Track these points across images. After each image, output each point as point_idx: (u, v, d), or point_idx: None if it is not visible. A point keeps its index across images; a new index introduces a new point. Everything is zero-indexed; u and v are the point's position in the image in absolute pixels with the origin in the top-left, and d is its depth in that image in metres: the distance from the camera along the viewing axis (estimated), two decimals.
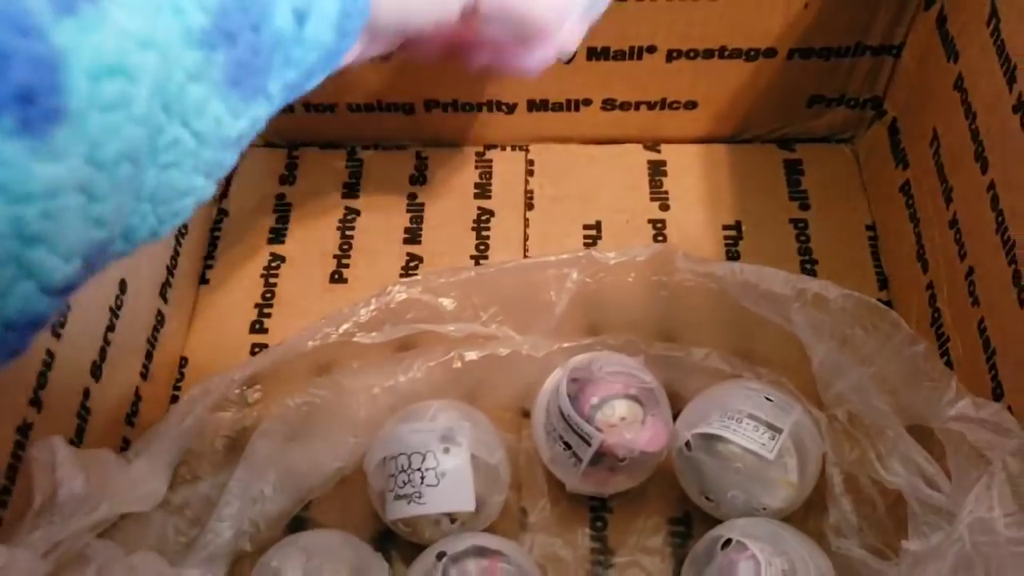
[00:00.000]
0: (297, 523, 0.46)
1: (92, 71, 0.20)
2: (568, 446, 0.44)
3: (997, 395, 0.42)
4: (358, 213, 0.58)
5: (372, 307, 0.46)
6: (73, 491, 0.38)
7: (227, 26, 0.23)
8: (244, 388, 0.47)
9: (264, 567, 0.41)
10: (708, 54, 0.55)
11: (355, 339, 0.46)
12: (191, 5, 0.22)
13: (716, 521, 0.45)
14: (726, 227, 0.57)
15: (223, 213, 0.59)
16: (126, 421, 0.47)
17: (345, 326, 0.46)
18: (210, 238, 0.58)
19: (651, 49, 0.54)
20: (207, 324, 0.54)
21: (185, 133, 0.24)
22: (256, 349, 0.53)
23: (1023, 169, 0.40)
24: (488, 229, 0.58)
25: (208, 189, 0.26)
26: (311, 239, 0.57)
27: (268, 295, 0.55)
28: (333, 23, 0.27)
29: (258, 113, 0.26)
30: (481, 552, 0.41)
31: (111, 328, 0.45)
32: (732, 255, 0.56)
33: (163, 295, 0.51)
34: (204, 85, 0.23)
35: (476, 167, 0.61)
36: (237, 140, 0.26)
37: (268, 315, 0.54)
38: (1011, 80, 0.41)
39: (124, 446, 0.46)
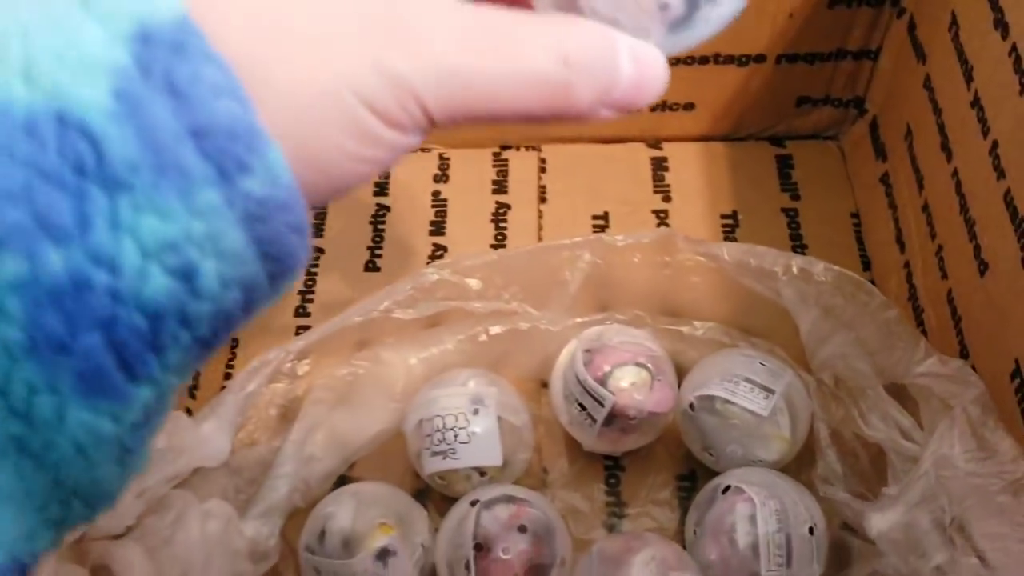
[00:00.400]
0: (343, 481, 0.52)
1: None
2: (584, 408, 0.49)
3: (964, 356, 0.48)
4: (388, 209, 0.64)
5: (408, 287, 0.52)
6: (156, 445, 0.43)
7: (46, 335, 0.19)
8: (295, 361, 0.53)
9: (319, 513, 0.47)
10: (703, 60, 0.61)
11: (393, 315, 0.51)
12: None
13: (718, 475, 0.50)
14: (724, 216, 0.62)
15: None
16: (188, 394, 0.53)
17: (385, 303, 0.52)
18: None
19: None
20: None
21: (59, 441, 0.20)
22: (300, 331, 0.58)
23: (980, 156, 0.46)
24: (505, 221, 0.63)
25: (129, 468, 0.22)
26: (346, 233, 0.63)
27: (309, 283, 0.61)
28: (251, 252, 0.20)
29: (159, 389, 0.21)
30: (510, 499, 0.47)
31: None
32: (729, 241, 0.61)
33: None
34: (50, 395, 0.19)
35: (493, 165, 0.66)
36: (139, 424, 0.21)
37: (311, 300, 0.60)
38: (968, 79, 0.47)
39: (188, 414, 0.52)
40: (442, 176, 0.66)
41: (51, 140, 0.18)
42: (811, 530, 0.45)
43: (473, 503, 0.47)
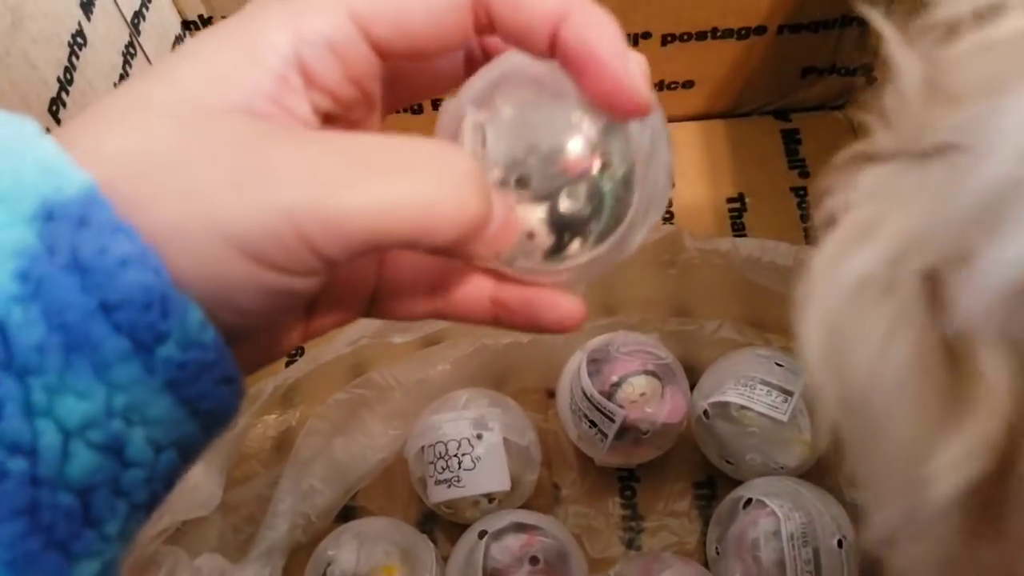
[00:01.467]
0: (346, 512, 0.50)
1: None
2: (593, 424, 0.47)
3: None
4: None
5: None
6: None
7: None
8: (288, 392, 0.50)
9: (320, 555, 0.44)
10: (701, 36, 0.57)
11: (389, 340, 0.49)
12: None
13: (738, 482, 0.48)
14: (730, 200, 0.59)
15: None
16: None
17: (378, 326, 0.49)
18: None
19: (646, 35, 0.57)
20: None
21: None
22: (293, 354, 0.56)
23: None
24: None
25: None
26: None
27: None
28: (181, 411, 0.20)
29: (102, 558, 0.20)
30: (520, 528, 0.44)
31: None
32: (738, 227, 0.58)
33: None
34: None
35: None
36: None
37: None
38: None
39: None
40: None
41: None
42: (839, 542, 0.43)
43: (481, 534, 0.44)
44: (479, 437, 0.46)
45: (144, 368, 0.19)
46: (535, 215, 0.24)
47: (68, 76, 0.41)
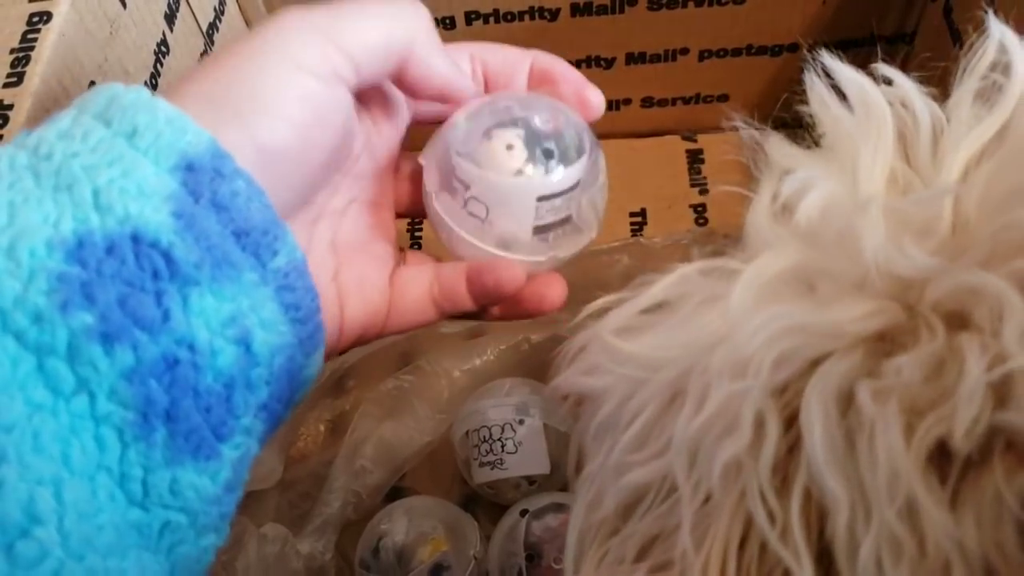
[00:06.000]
0: (394, 492, 0.53)
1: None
2: None
3: None
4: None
5: None
6: None
7: (155, 406, 0.23)
8: (342, 377, 0.54)
9: (373, 528, 0.48)
10: (736, 52, 0.60)
11: (440, 330, 0.52)
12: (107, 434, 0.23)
13: None
14: None
15: None
16: None
17: None
18: None
19: (684, 51, 0.60)
20: None
21: (172, 514, 0.24)
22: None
23: None
24: None
25: (221, 536, 0.26)
26: None
27: None
28: (284, 318, 0.26)
29: (240, 450, 0.25)
30: (559, 507, 0.47)
31: None
32: None
33: None
34: (164, 468, 0.23)
35: None
36: (230, 485, 0.25)
37: None
38: None
39: None
40: None
41: (130, 256, 0.23)
42: None
43: (523, 512, 0.47)
44: (521, 422, 0.49)
45: (261, 278, 0.26)
46: (514, 133, 0.32)
47: (154, 81, 0.45)
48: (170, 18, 0.48)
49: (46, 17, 0.36)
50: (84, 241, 0.23)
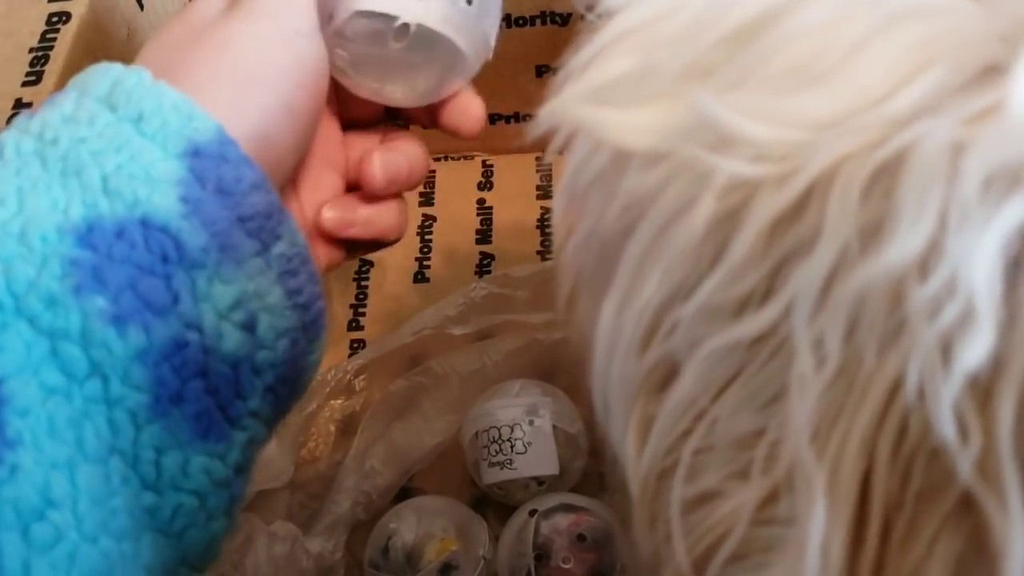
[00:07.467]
0: (404, 492, 0.53)
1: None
2: None
3: None
4: (435, 219, 0.65)
5: (460, 302, 0.53)
6: None
7: (166, 388, 0.24)
8: (352, 378, 0.54)
9: (383, 528, 0.48)
10: None
11: (446, 332, 0.52)
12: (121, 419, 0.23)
13: None
14: None
15: None
16: None
17: (438, 320, 0.52)
18: None
19: None
20: None
21: (183, 497, 0.24)
22: (354, 344, 0.60)
23: None
24: (551, 226, 0.64)
25: (229, 523, 0.26)
26: (395, 245, 0.64)
27: (361, 296, 0.62)
28: (288, 303, 0.27)
29: (248, 432, 0.26)
30: (568, 508, 0.48)
31: None
32: None
33: None
34: (176, 450, 0.24)
35: (537, 170, 0.67)
36: (240, 467, 0.26)
37: (363, 314, 0.61)
38: None
39: None
40: (486, 183, 0.67)
41: (139, 240, 0.24)
42: None
43: (532, 512, 0.47)
44: (531, 423, 0.49)
45: (265, 263, 0.26)
46: None
47: None
48: None
49: (65, 17, 0.37)
50: (94, 226, 0.24)
